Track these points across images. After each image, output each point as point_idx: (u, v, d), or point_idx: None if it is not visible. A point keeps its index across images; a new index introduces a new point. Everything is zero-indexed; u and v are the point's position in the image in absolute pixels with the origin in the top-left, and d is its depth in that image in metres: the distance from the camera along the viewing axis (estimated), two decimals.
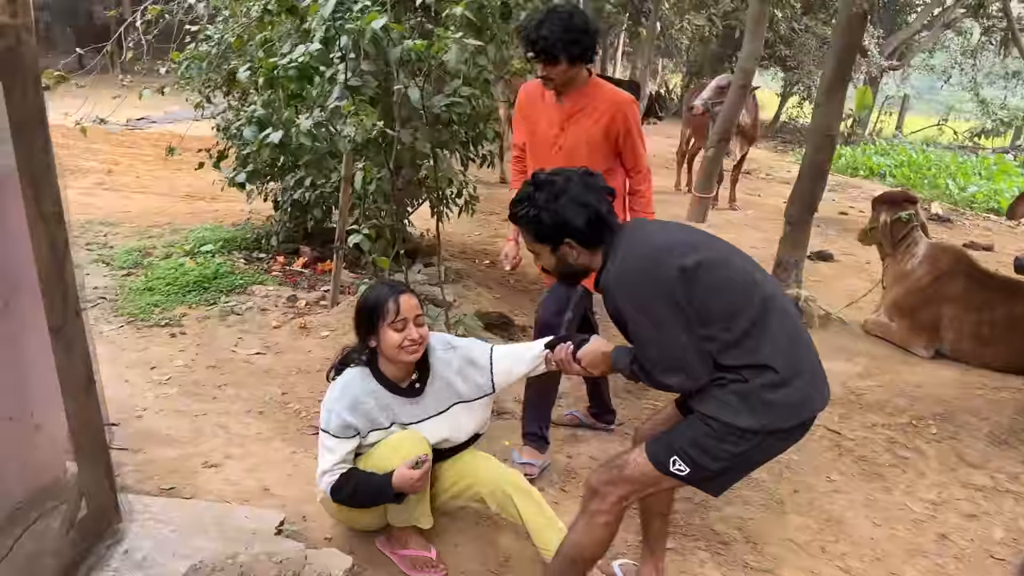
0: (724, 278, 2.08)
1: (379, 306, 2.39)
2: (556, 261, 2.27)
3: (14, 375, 2.13)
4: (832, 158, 5.50)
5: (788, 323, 2.11)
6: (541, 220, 2.20)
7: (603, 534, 2.25)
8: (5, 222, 1.99)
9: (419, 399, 2.53)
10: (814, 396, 2.12)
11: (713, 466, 2.11)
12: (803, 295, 5.49)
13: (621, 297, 2.09)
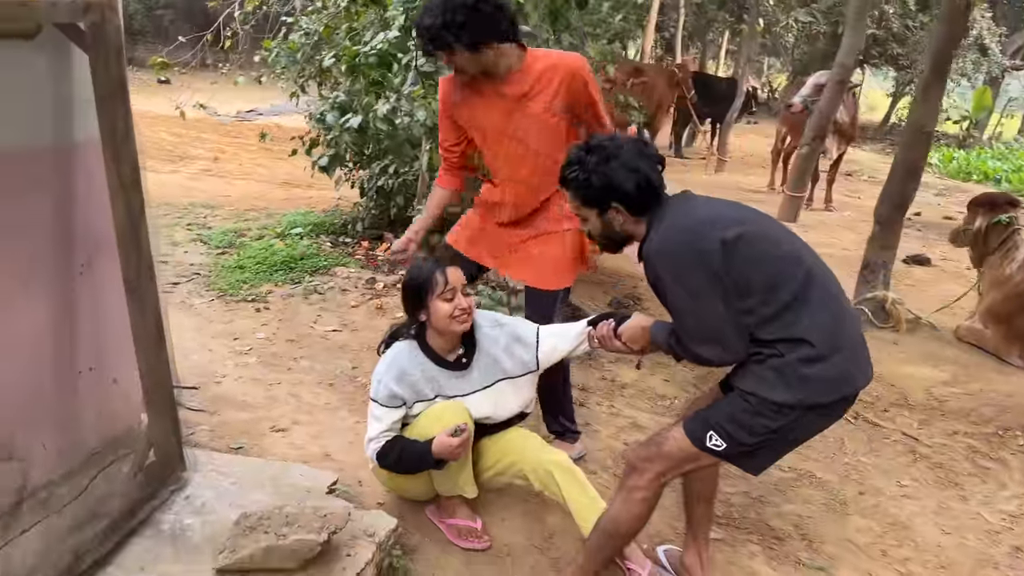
0: (765, 251, 2.06)
1: (428, 279, 2.48)
2: (602, 226, 2.26)
3: (95, 329, 2.32)
4: (927, 156, 5.26)
5: (830, 299, 2.07)
6: (591, 183, 2.19)
7: (640, 510, 2.27)
8: (89, 187, 2.18)
9: (464, 373, 2.60)
10: (854, 373, 2.07)
11: (749, 441, 2.09)
12: (890, 297, 5.28)
13: (661, 266, 2.10)
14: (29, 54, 1.95)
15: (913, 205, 10.10)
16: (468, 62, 2.64)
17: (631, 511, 2.27)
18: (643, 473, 2.24)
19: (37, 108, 2.02)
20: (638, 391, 4.19)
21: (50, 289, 2.14)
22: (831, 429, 3.87)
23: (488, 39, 2.59)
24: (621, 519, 2.29)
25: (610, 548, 2.33)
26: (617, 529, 2.30)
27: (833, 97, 7.81)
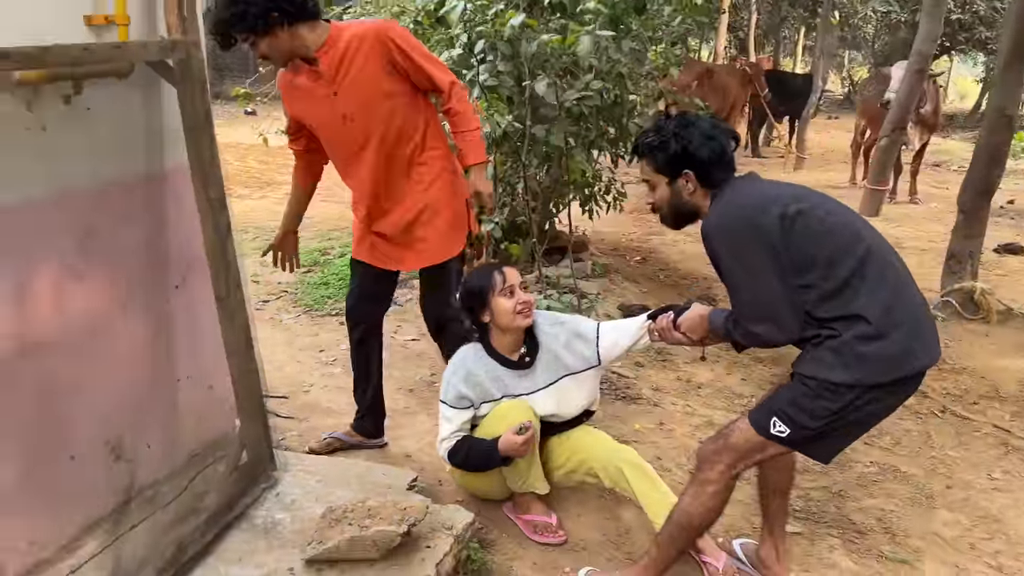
0: (824, 227, 2.06)
1: (488, 279, 2.60)
2: (670, 195, 2.27)
3: (191, 340, 2.52)
4: (1010, 140, 5.07)
5: (890, 277, 2.06)
6: (667, 147, 2.20)
7: (712, 503, 2.29)
8: (179, 211, 2.37)
9: (528, 372, 2.69)
10: (916, 351, 2.04)
11: (812, 424, 2.09)
12: (979, 288, 5.11)
13: (719, 242, 2.12)
14: (125, 91, 2.15)
15: (1007, 192, 9.77)
16: (266, 49, 2.56)
17: (703, 504, 2.29)
18: (713, 466, 2.26)
19: (133, 140, 2.23)
20: (715, 390, 4.19)
21: (149, 306, 2.34)
22: (916, 424, 3.85)
23: (277, 21, 2.50)
24: (693, 512, 2.31)
25: (682, 541, 2.36)
26: (690, 522, 2.32)
27: (912, 86, 7.59)
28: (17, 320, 1.88)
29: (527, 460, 2.63)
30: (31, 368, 1.94)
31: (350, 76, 2.63)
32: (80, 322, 2.07)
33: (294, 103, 2.78)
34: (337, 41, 2.61)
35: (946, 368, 4.53)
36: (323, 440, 3.20)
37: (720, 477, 2.26)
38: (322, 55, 2.61)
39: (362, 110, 2.67)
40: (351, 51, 2.61)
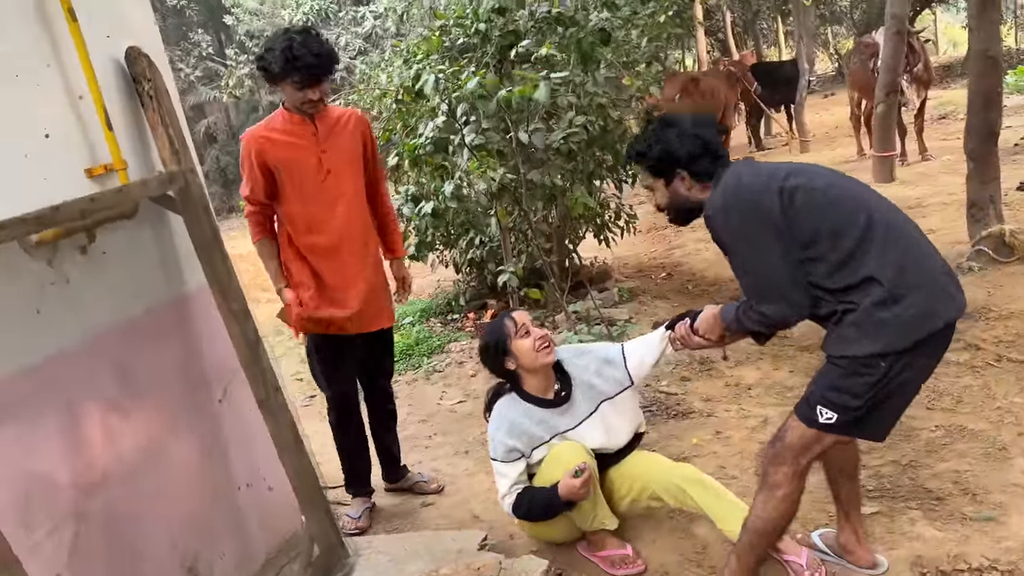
0: (825, 199, 2.08)
1: (500, 330, 2.68)
2: (670, 196, 2.33)
3: (243, 448, 2.60)
4: (1000, 80, 5.05)
5: (899, 238, 2.06)
6: (652, 151, 2.29)
7: (785, 507, 2.27)
8: (209, 327, 2.48)
9: (568, 406, 2.73)
10: (937, 308, 2.03)
11: (856, 404, 2.08)
12: (1007, 230, 5.03)
13: (721, 224, 2.16)
14: (135, 229, 2.28)
15: (1019, 130, 9.64)
16: (319, 96, 2.90)
17: (775, 508, 2.28)
18: (778, 469, 2.26)
19: (151, 271, 2.35)
20: (764, 388, 4.16)
21: (197, 423, 2.43)
22: (974, 378, 3.80)
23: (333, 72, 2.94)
24: (769, 517, 2.30)
25: (761, 547, 2.35)
26: (765, 527, 2.31)
27: (895, 49, 7.59)
28: (74, 465, 1.98)
29: (591, 500, 2.64)
30: (96, 506, 2.02)
31: (339, 140, 3.02)
32: (134, 453, 2.17)
33: (277, 151, 2.94)
34: (329, 109, 3.06)
35: (993, 316, 4.45)
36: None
37: (786, 479, 2.25)
38: (322, 115, 3.00)
39: (343, 169, 3.02)
40: (342, 121, 3.06)
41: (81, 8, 2.11)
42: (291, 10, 19.62)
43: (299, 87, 2.83)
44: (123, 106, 2.29)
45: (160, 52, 2.48)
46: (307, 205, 3.00)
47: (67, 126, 2.09)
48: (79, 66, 2.11)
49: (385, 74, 4.49)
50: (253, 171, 2.95)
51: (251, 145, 2.94)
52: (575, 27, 3.83)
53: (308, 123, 2.97)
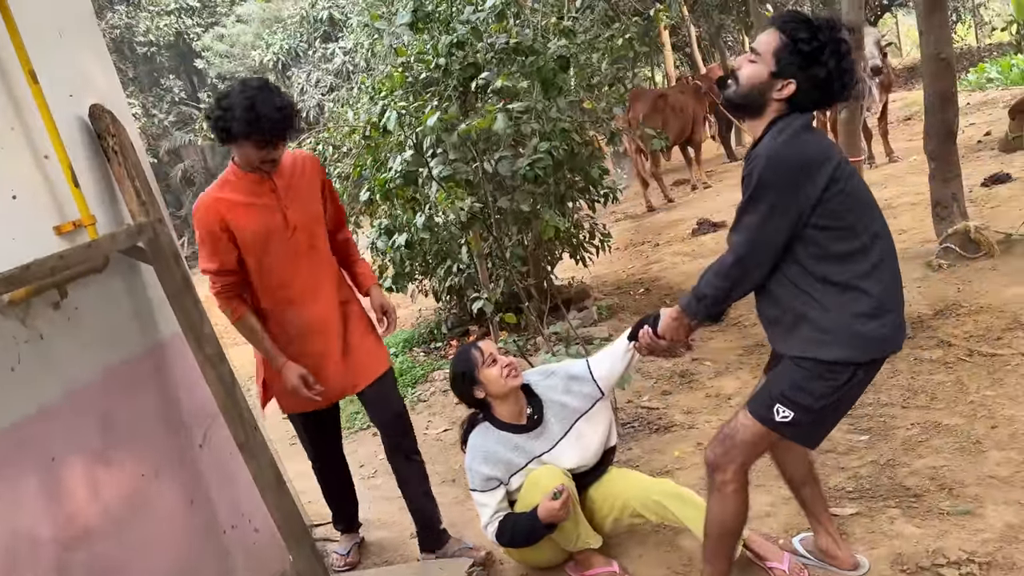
0: (856, 197, 2.09)
1: (467, 361, 2.75)
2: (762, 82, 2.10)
3: (227, 490, 2.62)
4: (954, 81, 5.18)
5: (891, 262, 2.14)
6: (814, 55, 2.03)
7: (736, 503, 2.32)
8: (186, 373, 2.51)
9: (541, 428, 2.78)
10: (899, 334, 2.14)
11: (816, 405, 2.13)
12: (972, 226, 5.14)
13: (771, 169, 2.05)
14: (106, 282, 2.31)
15: (981, 126, 9.84)
16: (280, 153, 2.73)
17: (729, 506, 2.33)
18: (726, 468, 2.29)
19: (125, 322, 2.38)
20: (744, 398, 4.17)
21: (180, 468, 2.46)
22: (947, 374, 3.88)
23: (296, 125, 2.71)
24: (725, 517, 2.34)
25: (726, 547, 2.39)
26: (725, 527, 2.36)
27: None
28: (56, 519, 1.99)
29: (572, 520, 2.67)
30: (81, 558, 2.04)
31: (300, 192, 2.84)
32: (117, 503, 2.19)
33: (238, 216, 2.71)
34: (282, 160, 2.80)
35: (963, 312, 4.54)
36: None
37: (735, 477, 2.29)
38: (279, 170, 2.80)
39: (309, 222, 2.85)
40: (297, 170, 2.86)
41: (42, 70, 2.16)
42: (261, 51, 19.75)
43: (261, 146, 2.62)
44: (89, 162, 2.34)
45: (123, 107, 2.54)
46: (275, 262, 2.79)
47: (34, 186, 2.13)
48: (43, 127, 2.15)
49: (352, 111, 4.57)
50: (218, 241, 2.68)
51: (211, 213, 2.68)
52: (535, 55, 3.91)
53: (266, 180, 2.76)
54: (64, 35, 2.36)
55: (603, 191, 5.58)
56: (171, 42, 22.46)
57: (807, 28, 2.05)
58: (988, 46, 19.40)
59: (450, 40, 3.70)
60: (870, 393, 3.89)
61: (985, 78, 13.86)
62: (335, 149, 5.48)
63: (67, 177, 2.19)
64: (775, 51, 2.08)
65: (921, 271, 5.20)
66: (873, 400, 3.82)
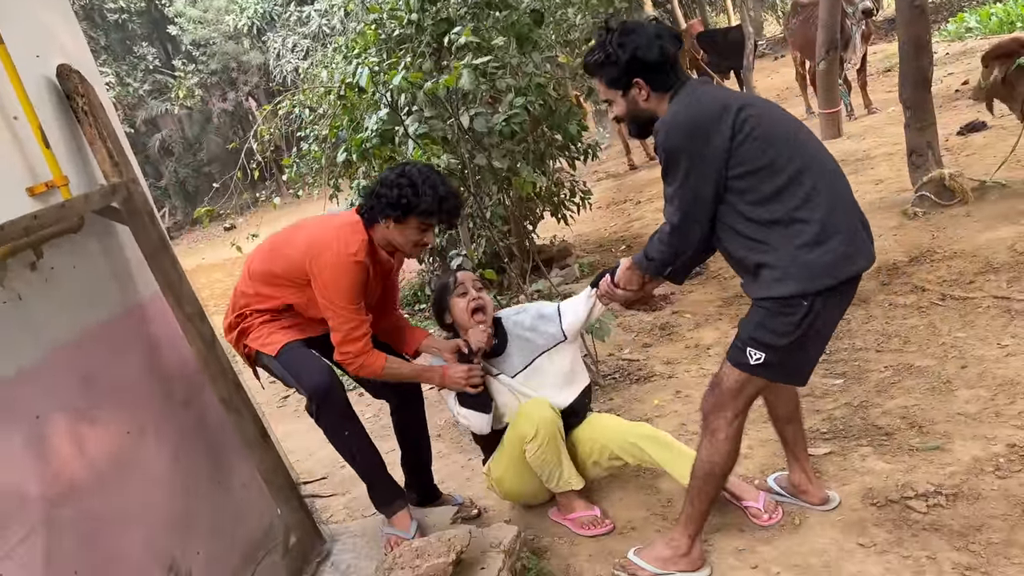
0: (773, 133, 2.15)
1: (443, 286, 2.90)
2: (627, 106, 2.32)
3: (213, 447, 2.66)
4: (928, 28, 5.19)
5: (829, 186, 2.17)
6: (615, 58, 2.23)
7: (727, 447, 2.39)
8: (167, 332, 2.53)
9: (502, 358, 2.90)
10: (853, 254, 2.16)
11: (782, 342, 2.19)
12: (946, 174, 5.19)
13: (671, 136, 2.17)
14: (82, 242, 2.32)
15: (959, 75, 9.86)
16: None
17: (719, 451, 2.40)
18: (718, 416, 2.38)
19: (103, 283, 2.39)
20: (723, 347, 4.26)
21: (164, 425, 2.48)
22: (920, 318, 3.95)
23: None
24: (714, 460, 2.41)
25: (711, 488, 2.46)
26: (712, 470, 2.42)
27: (831, 6, 7.73)
28: (44, 477, 2.03)
29: (555, 459, 2.74)
30: (70, 515, 2.08)
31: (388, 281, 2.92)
32: (103, 460, 2.22)
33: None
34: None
35: (937, 257, 4.61)
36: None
37: (726, 423, 2.37)
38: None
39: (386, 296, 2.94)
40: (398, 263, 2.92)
41: (8, 29, 2.14)
42: (235, 15, 19.42)
43: (424, 229, 2.65)
44: (59, 123, 2.32)
45: (91, 67, 2.51)
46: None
47: (4, 147, 2.12)
48: (11, 88, 2.14)
49: (327, 71, 4.54)
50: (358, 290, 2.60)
51: (364, 268, 2.58)
52: (508, 10, 3.90)
53: (386, 265, 2.81)
54: None
55: (583, 148, 5.59)
56: (143, 8, 22.05)
57: (599, 50, 2.26)
58: None
59: None
60: (844, 339, 3.98)
61: (964, 27, 13.82)
62: (311, 111, 5.44)
63: (37, 138, 2.18)
64: (608, 84, 2.31)
65: (897, 219, 5.26)
66: (848, 345, 3.90)
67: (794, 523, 2.64)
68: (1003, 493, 2.52)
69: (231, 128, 26.63)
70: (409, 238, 2.65)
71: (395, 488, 2.87)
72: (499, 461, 2.89)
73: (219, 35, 20.59)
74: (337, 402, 2.67)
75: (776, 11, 29.38)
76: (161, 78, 22.13)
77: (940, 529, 2.45)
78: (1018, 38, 5.10)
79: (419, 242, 2.68)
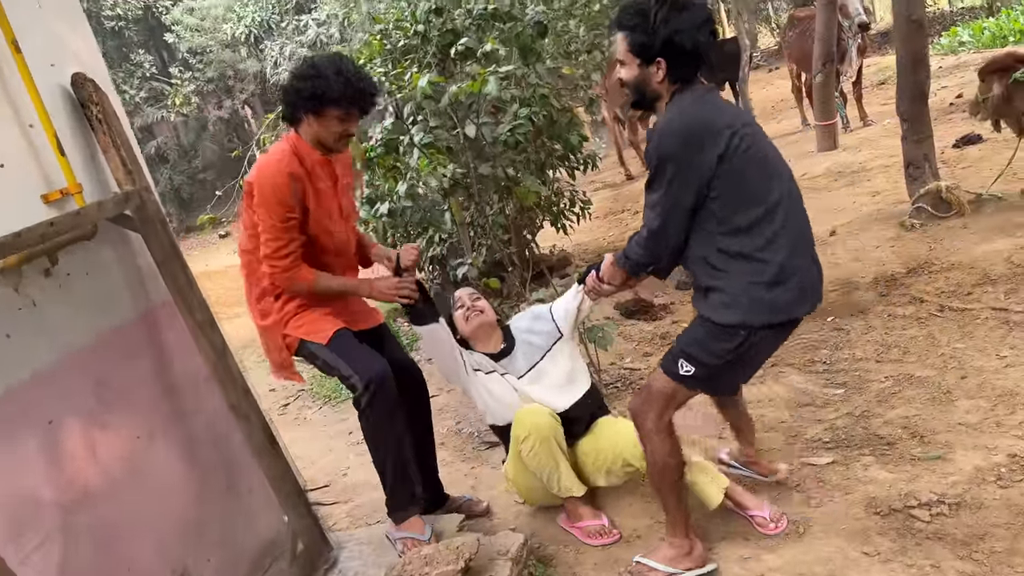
0: (762, 162, 2.20)
1: (447, 305, 3.13)
2: (638, 76, 2.25)
3: (221, 453, 2.67)
4: (926, 43, 5.25)
5: (795, 227, 2.23)
6: (652, 33, 2.16)
7: (666, 444, 2.46)
8: (177, 338, 2.55)
9: (509, 360, 3.01)
10: (801, 300, 2.25)
11: (713, 362, 2.28)
12: (943, 186, 5.24)
13: (667, 142, 2.18)
14: (96, 249, 2.33)
15: (954, 88, 9.95)
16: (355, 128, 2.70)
17: (659, 450, 2.46)
18: (646, 417, 2.45)
19: (115, 289, 2.41)
20: None
21: (174, 433, 2.50)
22: (919, 329, 3.99)
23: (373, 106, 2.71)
24: (658, 459, 2.48)
25: (670, 484, 2.50)
26: (665, 467, 2.48)
27: (828, 19, 7.81)
28: (57, 481, 2.04)
29: (552, 463, 2.77)
30: (82, 519, 2.09)
31: (345, 177, 2.84)
32: (115, 465, 2.23)
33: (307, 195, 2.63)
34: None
35: (935, 269, 4.65)
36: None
37: (656, 425, 2.44)
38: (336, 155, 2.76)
39: (349, 209, 2.88)
40: (345, 160, 2.85)
41: (24, 39, 2.16)
42: (232, 24, 19.44)
43: (343, 119, 2.58)
44: (73, 131, 2.34)
45: (105, 76, 2.54)
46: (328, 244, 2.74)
47: (20, 154, 2.14)
48: (27, 96, 2.16)
49: None
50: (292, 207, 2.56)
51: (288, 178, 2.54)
52: (513, 22, 3.93)
53: (328, 164, 2.71)
54: (43, 5, 2.36)
55: (582, 158, 5.62)
56: (139, 16, 22.06)
57: (638, 14, 2.18)
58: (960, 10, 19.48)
59: (428, 6, 3.71)
60: (845, 349, 4.01)
61: (957, 42, 13.95)
62: None
63: (53, 146, 2.20)
64: (628, 47, 2.23)
65: (894, 231, 5.31)
66: (848, 355, 3.94)
67: (798, 532, 2.66)
68: (1005, 502, 2.55)
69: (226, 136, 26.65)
70: (332, 130, 2.60)
71: (414, 494, 2.86)
72: (509, 461, 2.97)
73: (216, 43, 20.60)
74: (391, 394, 2.64)
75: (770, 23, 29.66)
76: (157, 85, 22.11)
77: (944, 538, 2.47)
78: (1012, 52, 5.16)
79: (342, 133, 2.62)
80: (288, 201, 2.55)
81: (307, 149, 2.64)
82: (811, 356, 4.04)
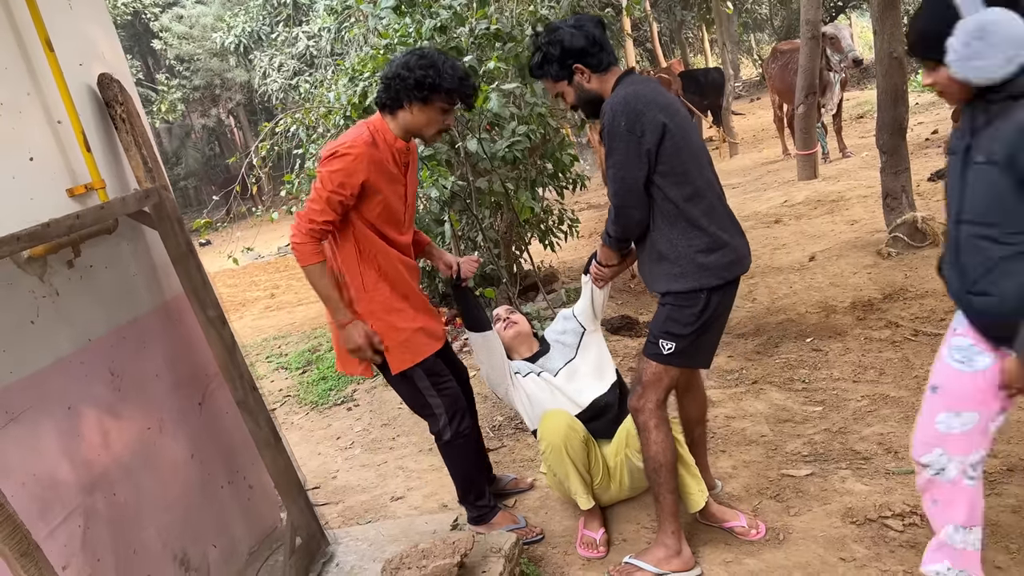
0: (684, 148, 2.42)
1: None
2: (576, 92, 2.55)
3: (224, 447, 2.74)
4: (905, 79, 5.47)
5: (721, 200, 2.52)
6: (550, 55, 2.49)
7: (662, 435, 2.61)
8: (188, 333, 2.62)
9: (545, 358, 3.18)
10: (737, 262, 2.51)
11: (687, 331, 2.49)
12: (919, 217, 5.45)
13: (611, 121, 2.39)
14: (116, 243, 2.42)
15: (929, 124, 10.26)
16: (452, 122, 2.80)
17: (657, 442, 2.60)
18: (644, 408, 2.60)
19: (133, 282, 2.48)
20: (706, 373, 4.43)
21: (182, 425, 2.57)
22: (894, 352, 4.15)
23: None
24: (657, 453, 2.61)
25: (667, 479, 2.63)
26: (660, 462, 2.61)
27: (811, 52, 8.06)
28: (76, 464, 2.11)
29: (563, 469, 2.85)
30: (98, 502, 2.15)
31: (412, 166, 2.86)
32: (127, 452, 2.30)
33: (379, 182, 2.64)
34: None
35: (910, 296, 4.84)
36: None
37: (653, 413, 2.60)
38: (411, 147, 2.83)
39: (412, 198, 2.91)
40: (414, 154, 2.88)
41: (56, 39, 2.25)
42: (222, 33, 19.51)
43: (447, 111, 2.67)
44: (98, 129, 2.43)
45: (128, 77, 2.63)
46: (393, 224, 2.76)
47: (48, 149, 2.22)
48: (57, 93, 2.25)
49: (332, 92, 4.66)
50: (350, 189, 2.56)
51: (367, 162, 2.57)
52: (513, 42, 4.07)
53: (404, 152, 2.74)
54: (74, 6, 2.45)
55: (572, 178, 5.77)
56: (128, 21, 22.06)
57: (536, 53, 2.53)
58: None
59: (433, 24, 3.84)
60: (823, 369, 4.16)
61: None
62: (311, 129, 5.55)
63: (79, 142, 2.28)
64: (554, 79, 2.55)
65: (872, 258, 5.50)
66: (826, 375, 4.08)
67: (779, 539, 2.78)
68: None
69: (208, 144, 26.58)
70: (433, 120, 2.67)
71: (492, 505, 3.11)
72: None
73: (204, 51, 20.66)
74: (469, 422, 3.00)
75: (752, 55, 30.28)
76: (143, 91, 22.09)
77: (916, 546, 2.60)
78: None
79: (442, 125, 2.71)
80: (352, 180, 2.56)
81: (389, 136, 2.69)
82: (791, 375, 4.19)
